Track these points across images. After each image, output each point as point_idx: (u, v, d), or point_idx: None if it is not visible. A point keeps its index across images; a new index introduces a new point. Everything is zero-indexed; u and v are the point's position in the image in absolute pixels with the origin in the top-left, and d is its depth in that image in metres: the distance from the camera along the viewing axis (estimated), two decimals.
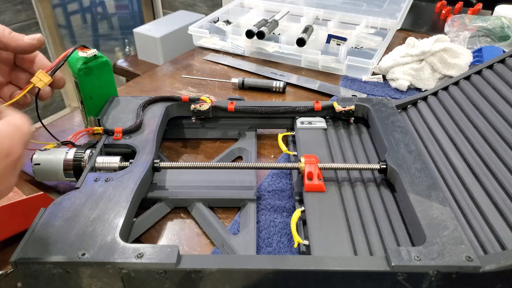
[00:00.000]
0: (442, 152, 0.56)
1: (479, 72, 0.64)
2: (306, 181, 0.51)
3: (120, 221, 0.44)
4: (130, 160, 0.55)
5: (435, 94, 0.67)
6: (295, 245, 0.46)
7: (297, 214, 0.48)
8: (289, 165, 0.54)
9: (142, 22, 2.29)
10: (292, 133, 0.65)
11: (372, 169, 0.54)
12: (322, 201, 0.50)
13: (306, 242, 0.45)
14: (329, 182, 0.53)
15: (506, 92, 0.57)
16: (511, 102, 0.56)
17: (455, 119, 0.60)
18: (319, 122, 0.65)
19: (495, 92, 0.59)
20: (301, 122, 0.65)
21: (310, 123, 0.65)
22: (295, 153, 0.61)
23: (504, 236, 0.42)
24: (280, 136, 0.62)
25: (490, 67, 0.64)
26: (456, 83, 0.66)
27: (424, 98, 0.68)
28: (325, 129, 0.64)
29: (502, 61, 0.63)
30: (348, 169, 0.55)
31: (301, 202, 0.53)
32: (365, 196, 0.52)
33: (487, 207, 0.46)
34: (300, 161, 0.53)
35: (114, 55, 2.46)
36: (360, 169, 0.55)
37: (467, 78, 0.65)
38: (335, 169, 0.54)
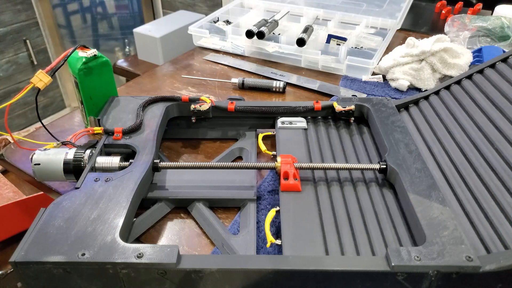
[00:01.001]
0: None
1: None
2: (282, 181, 0.52)
3: (120, 221, 0.44)
4: (130, 160, 0.55)
5: (435, 93, 0.67)
6: (268, 245, 0.46)
7: (271, 213, 0.49)
8: (265, 164, 0.54)
9: (142, 22, 2.29)
10: (273, 133, 0.65)
11: (372, 169, 0.54)
12: (297, 200, 0.50)
13: (278, 242, 0.45)
14: (306, 182, 0.53)
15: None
16: None
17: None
18: (300, 122, 0.65)
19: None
20: (282, 122, 0.65)
21: (290, 123, 0.65)
22: (274, 152, 0.61)
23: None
24: (260, 136, 0.62)
25: (492, 66, 0.64)
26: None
27: (424, 98, 0.68)
28: (305, 129, 0.64)
29: (505, 60, 0.63)
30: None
31: None
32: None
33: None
34: (277, 161, 0.53)
35: (114, 55, 2.46)
36: (360, 169, 0.55)
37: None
38: (313, 168, 0.54)
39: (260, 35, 0.96)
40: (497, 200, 0.46)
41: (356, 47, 1.00)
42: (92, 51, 0.63)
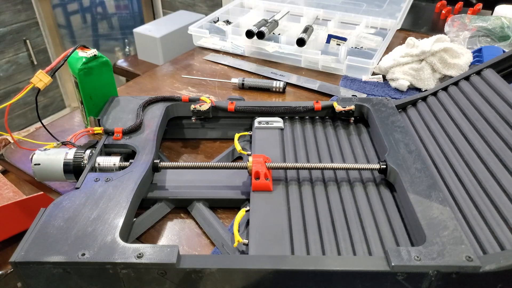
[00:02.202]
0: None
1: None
2: (253, 181, 0.52)
3: (120, 221, 0.44)
4: (130, 160, 0.55)
5: (435, 94, 0.67)
6: (235, 244, 0.46)
7: (241, 213, 0.49)
8: (238, 164, 0.54)
9: (142, 22, 2.29)
10: (249, 133, 0.65)
11: (371, 169, 0.54)
12: (267, 200, 0.50)
13: (245, 241, 0.46)
14: (277, 182, 0.53)
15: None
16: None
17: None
18: (277, 122, 0.65)
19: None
20: (259, 122, 0.65)
21: (267, 123, 0.65)
22: (249, 152, 0.61)
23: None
24: (236, 136, 0.62)
25: (492, 66, 0.63)
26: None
27: (424, 98, 0.68)
28: (282, 129, 0.64)
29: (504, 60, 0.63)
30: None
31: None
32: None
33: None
34: (248, 161, 0.53)
35: (114, 55, 2.46)
36: (360, 169, 0.55)
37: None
38: (285, 168, 0.54)
39: (260, 35, 0.96)
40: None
41: (356, 47, 1.00)
42: (92, 51, 0.63)
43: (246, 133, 0.65)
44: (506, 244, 0.42)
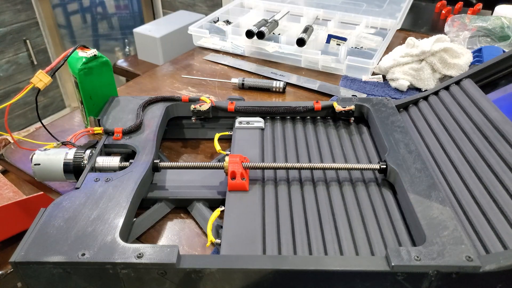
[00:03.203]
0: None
1: (458, 83, 0.65)
2: (229, 181, 0.52)
3: (120, 221, 0.44)
4: (130, 160, 0.55)
5: (435, 94, 0.67)
6: (208, 244, 0.46)
7: (216, 213, 0.49)
8: (214, 164, 0.54)
9: (142, 22, 2.29)
10: (230, 133, 0.65)
11: (372, 169, 0.54)
12: (243, 200, 0.50)
13: (218, 241, 0.46)
14: (254, 182, 0.53)
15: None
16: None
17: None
18: (257, 122, 0.65)
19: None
20: (240, 122, 0.65)
21: (248, 123, 0.65)
22: (228, 152, 0.61)
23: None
24: (216, 136, 0.62)
25: (492, 66, 0.64)
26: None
27: (424, 98, 0.68)
28: (262, 129, 0.64)
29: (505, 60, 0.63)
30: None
31: None
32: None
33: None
34: (225, 161, 0.53)
35: (114, 55, 2.46)
36: (361, 169, 0.55)
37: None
38: (263, 168, 0.54)
39: (260, 35, 0.96)
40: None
41: (356, 47, 1.00)
42: (92, 51, 0.63)
43: (227, 133, 0.65)
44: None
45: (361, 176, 0.55)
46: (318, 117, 0.68)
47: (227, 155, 0.60)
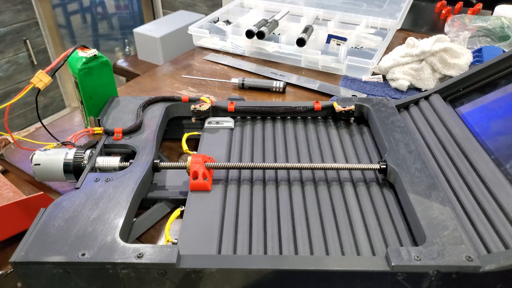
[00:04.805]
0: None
1: (427, 98, 0.66)
2: (191, 180, 0.52)
3: (120, 221, 0.44)
4: (130, 160, 0.55)
5: (435, 93, 0.67)
6: (165, 243, 0.46)
7: (176, 213, 0.49)
8: (177, 164, 0.54)
9: (142, 22, 2.29)
10: (199, 133, 0.65)
11: (372, 169, 0.54)
12: (203, 200, 0.50)
13: (174, 240, 0.46)
14: (217, 182, 0.53)
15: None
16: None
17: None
18: (227, 122, 0.65)
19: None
20: (209, 122, 0.65)
21: (217, 123, 0.65)
22: (195, 152, 0.61)
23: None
24: (185, 136, 0.62)
25: (491, 67, 0.63)
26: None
27: (425, 98, 0.67)
28: (231, 129, 0.64)
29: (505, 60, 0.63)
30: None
31: None
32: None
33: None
34: (187, 161, 0.53)
35: (114, 55, 2.46)
36: (360, 169, 0.55)
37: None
38: (228, 168, 0.54)
39: (260, 35, 0.96)
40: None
41: (356, 47, 1.00)
42: (92, 51, 0.63)
43: (195, 133, 0.65)
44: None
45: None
46: (318, 117, 0.68)
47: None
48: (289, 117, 0.67)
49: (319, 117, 0.68)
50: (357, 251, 0.44)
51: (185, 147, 0.60)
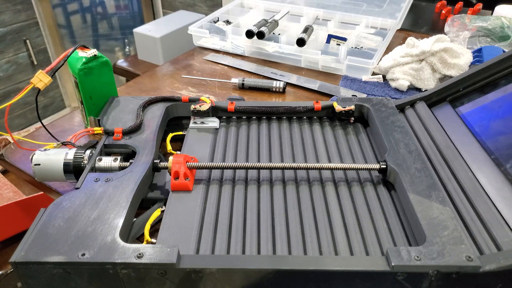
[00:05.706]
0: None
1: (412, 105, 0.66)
2: (173, 180, 0.52)
3: (120, 221, 0.44)
4: (130, 161, 0.55)
5: (435, 93, 0.67)
6: (144, 243, 0.46)
7: (156, 213, 0.49)
8: (162, 164, 0.54)
9: (142, 22, 2.29)
10: (184, 132, 0.65)
11: (372, 169, 0.54)
12: (184, 200, 0.50)
13: (153, 241, 0.46)
14: (199, 182, 0.53)
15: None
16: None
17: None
18: (212, 122, 0.65)
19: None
20: (194, 122, 0.65)
21: (202, 122, 0.65)
22: (179, 152, 0.61)
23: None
24: (169, 136, 0.62)
25: (490, 67, 0.63)
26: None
27: (425, 98, 0.67)
28: (216, 129, 0.64)
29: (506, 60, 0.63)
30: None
31: None
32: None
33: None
34: (169, 160, 0.53)
35: (114, 55, 2.46)
36: (360, 169, 0.55)
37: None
38: (210, 168, 0.53)
39: (260, 35, 0.96)
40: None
41: (356, 47, 1.00)
42: (92, 51, 0.63)
43: (180, 132, 0.65)
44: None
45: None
46: (318, 117, 0.68)
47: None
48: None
49: (319, 117, 0.68)
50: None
51: (169, 147, 0.60)
